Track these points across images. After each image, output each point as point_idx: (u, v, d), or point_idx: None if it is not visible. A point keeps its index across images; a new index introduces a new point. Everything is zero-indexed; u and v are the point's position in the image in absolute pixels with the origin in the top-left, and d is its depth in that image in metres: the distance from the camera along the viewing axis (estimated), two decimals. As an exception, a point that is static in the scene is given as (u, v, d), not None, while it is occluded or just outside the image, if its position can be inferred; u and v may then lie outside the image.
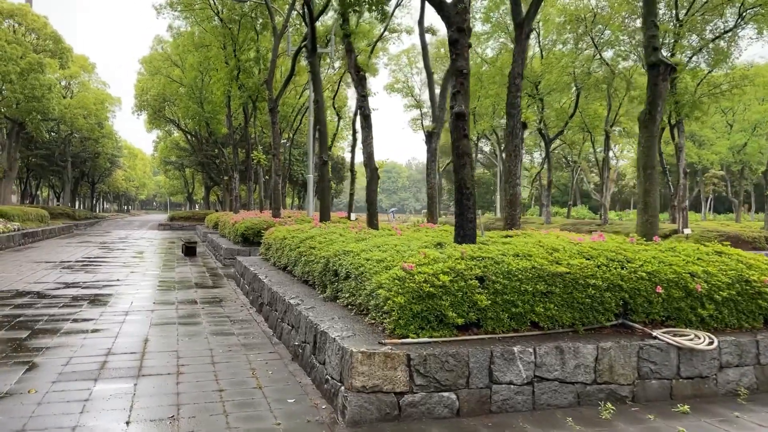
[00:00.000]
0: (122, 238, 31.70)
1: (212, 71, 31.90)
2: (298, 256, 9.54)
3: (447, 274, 5.50)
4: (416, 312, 5.34)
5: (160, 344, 7.63)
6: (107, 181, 72.27)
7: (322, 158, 13.54)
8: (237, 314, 9.87)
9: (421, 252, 6.07)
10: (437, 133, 14.88)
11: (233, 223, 20.55)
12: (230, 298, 11.59)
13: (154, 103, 46.57)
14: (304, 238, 9.81)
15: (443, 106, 15.00)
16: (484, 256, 5.89)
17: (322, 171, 13.77)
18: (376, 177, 9.80)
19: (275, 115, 19.58)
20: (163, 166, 62.37)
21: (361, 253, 6.99)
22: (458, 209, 6.73)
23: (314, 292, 8.23)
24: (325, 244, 8.56)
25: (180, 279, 14.55)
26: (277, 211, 19.94)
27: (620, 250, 6.43)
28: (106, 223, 54.79)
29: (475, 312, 5.51)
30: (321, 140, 13.74)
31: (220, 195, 59.42)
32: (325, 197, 13.92)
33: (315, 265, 8.28)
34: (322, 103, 13.73)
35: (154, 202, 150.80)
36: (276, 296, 8.49)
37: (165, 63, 41.67)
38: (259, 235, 18.39)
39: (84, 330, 8.41)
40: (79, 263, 17.90)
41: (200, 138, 50.07)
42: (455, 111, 6.66)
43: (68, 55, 38.83)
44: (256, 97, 24.46)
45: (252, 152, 25.10)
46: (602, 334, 5.84)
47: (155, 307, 10.44)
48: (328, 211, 13.90)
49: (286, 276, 10.17)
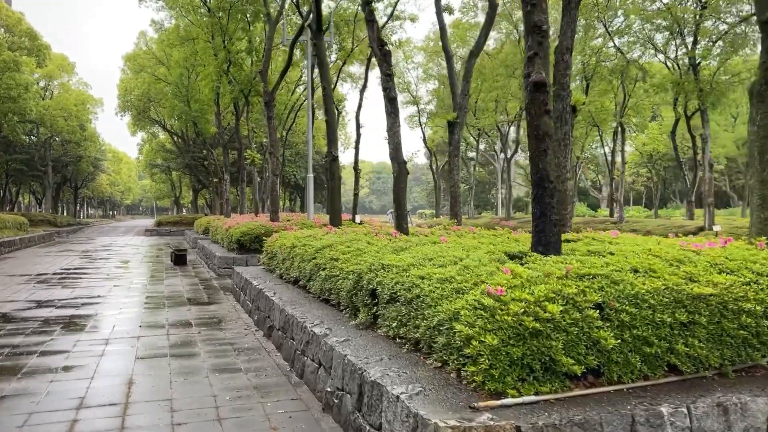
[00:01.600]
0: (106, 246, 29.83)
1: (199, 67, 30.08)
2: (315, 269, 7.90)
3: (553, 302, 3.90)
4: (515, 358, 3.73)
5: (149, 388, 5.96)
6: (91, 186, 69.94)
7: (332, 153, 11.90)
8: (241, 340, 8.21)
9: (503, 269, 4.46)
10: (460, 123, 13.21)
11: (227, 229, 18.84)
12: (230, 318, 9.92)
13: (138, 104, 44.56)
14: (321, 246, 8.17)
15: (466, 92, 13.38)
16: (595, 273, 4.29)
17: (332, 168, 12.11)
18: (405, 172, 8.19)
19: (271, 110, 17.88)
20: (149, 169, 60.26)
21: (410, 269, 5.38)
22: (539, 208, 5.14)
23: (341, 316, 6.60)
24: (352, 255, 6.93)
25: (170, 294, 12.83)
26: (275, 215, 18.23)
27: (758, 259, 4.86)
28: (90, 229, 52.71)
29: (596, 355, 3.90)
30: (330, 133, 12.10)
31: (209, 198, 57.49)
32: (335, 198, 12.26)
33: (341, 282, 6.65)
34: (330, 91, 12.09)
35: (141, 206, 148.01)
36: (292, 321, 6.85)
37: (150, 61, 39.69)
38: (257, 242, 16.72)
39: (52, 368, 6.72)
40: (57, 276, 16.11)
41: (187, 139, 48.14)
42: (533, 80, 5.06)
43: (45, 53, 36.79)
44: (248, 91, 22.69)
45: (245, 151, 23.32)
46: (758, 378, 4.27)
47: (142, 332, 8.75)
48: (340, 214, 12.25)
49: (299, 292, 8.52)
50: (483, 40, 13.42)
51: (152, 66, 39.28)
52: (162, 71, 38.97)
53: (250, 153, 21.82)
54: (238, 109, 25.42)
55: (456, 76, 13.91)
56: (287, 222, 18.17)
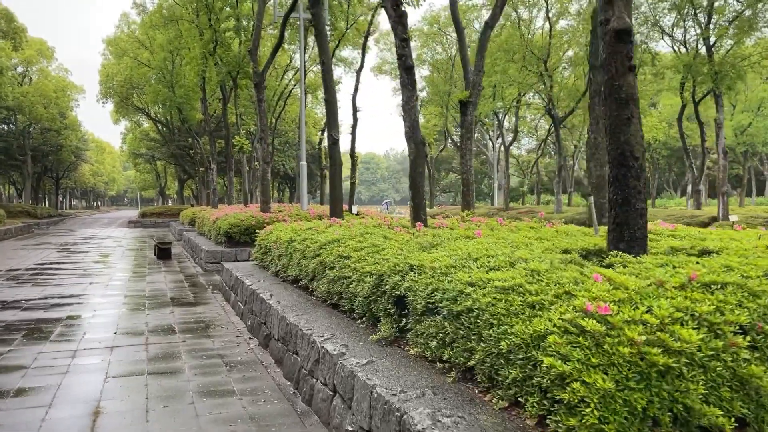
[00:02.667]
0: (87, 238, 28.39)
1: (184, 50, 28.61)
2: (319, 268, 6.72)
3: (684, 324, 2.76)
4: (638, 408, 2.59)
5: (119, 422, 4.77)
6: (73, 177, 68.02)
7: (332, 136, 10.66)
8: (233, 351, 7.02)
9: (592, 275, 3.31)
10: (474, 102, 11.96)
11: (214, 220, 17.58)
12: (219, 322, 8.72)
13: (120, 90, 42.82)
14: (326, 242, 6.99)
15: (480, 68, 12.13)
16: (724, 281, 3.16)
17: (333, 153, 10.86)
18: (423, 153, 7.01)
19: (261, 92, 16.55)
20: (133, 159, 58.52)
21: (451, 272, 4.22)
22: (620, 193, 4.00)
23: (355, 326, 5.44)
24: (368, 252, 5.77)
25: (152, 292, 11.59)
26: (267, 205, 16.95)
27: None
28: (71, 221, 51.03)
29: (744, 400, 2.77)
30: (330, 114, 10.84)
31: (195, 189, 55.90)
32: (337, 187, 11.02)
33: (355, 285, 5.49)
34: (330, 65, 10.82)
35: (125, 197, 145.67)
36: (296, 331, 5.68)
37: (133, 44, 37.98)
38: (247, 234, 15.50)
39: (2, 391, 5.51)
40: (30, 272, 14.79)
41: (172, 128, 46.55)
42: (614, 27, 3.91)
43: (22, 35, 35.01)
44: (236, 73, 21.28)
45: (233, 138, 21.84)
46: None
47: (117, 340, 7.53)
48: (341, 203, 11.02)
49: (300, 295, 7.34)
50: (499, 11, 12.23)
51: (135, 50, 37.59)
52: (145, 56, 37.31)
53: (239, 139, 20.43)
54: (225, 92, 23.98)
55: (480, 51, 12.57)
56: (279, 213, 16.95)
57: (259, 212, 16.73)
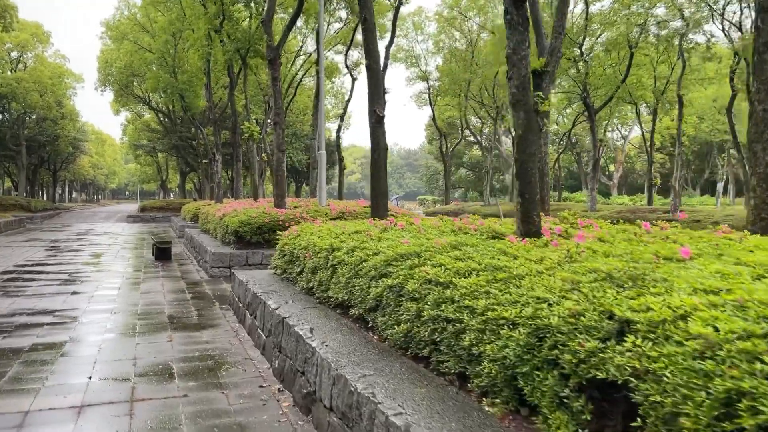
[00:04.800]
0: (81, 234, 26.20)
1: (187, 32, 26.33)
2: (389, 295, 4.48)
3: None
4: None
5: None
6: (71, 169, 65.79)
7: (376, 113, 8.29)
8: (258, 417, 4.77)
9: None
10: (551, 73, 9.53)
11: (221, 217, 15.34)
12: (233, 358, 6.48)
13: (120, 77, 40.51)
14: (395, 255, 4.75)
15: (561, 29, 9.73)
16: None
17: (376, 133, 8.45)
18: (537, 126, 4.75)
19: (277, 69, 14.23)
20: (133, 150, 56.21)
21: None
22: None
23: (475, 406, 3.18)
24: (488, 280, 3.51)
25: (146, 307, 9.36)
26: (282, 200, 14.65)
27: None
28: (68, 215, 48.82)
29: None
30: (373, 84, 8.47)
31: (197, 182, 53.63)
32: (381, 178, 8.62)
33: (476, 339, 3.23)
34: (373, 23, 8.42)
35: (126, 191, 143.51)
36: (371, 412, 3.42)
37: (133, 27, 35.62)
38: (259, 234, 13.29)
39: None
40: (5, 276, 12.58)
41: (174, 117, 44.26)
42: None
43: (12, 14, 32.63)
44: (246, 51, 18.92)
45: (242, 124, 19.49)
46: None
47: (90, 393, 5.29)
48: (386, 198, 8.62)
49: (353, 329, 5.09)
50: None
51: (135, 33, 35.24)
52: (146, 40, 35.00)
53: (248, 125, 18.05)
54: (233, 75, 21.62)
55: (560, 6, 10.26)
56: (296, 209, 14.71)
57: (272, 208, 14.49)
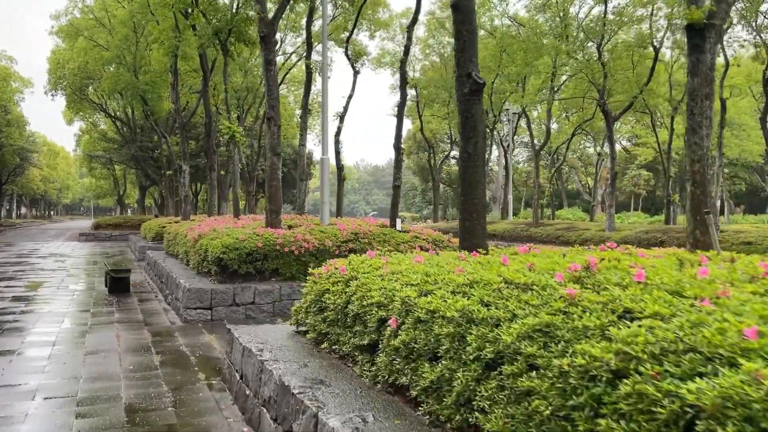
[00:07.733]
0: (22, 256, 22.31)
1: (151, 24, 22.88)
2: None
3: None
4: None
5: None
6: (19, 182, 60.55)
7: (472, 77, 5.21)
8: None
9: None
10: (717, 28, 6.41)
11: (195, 239, 11.98)
12: None
13: (73, 80, 36.44)
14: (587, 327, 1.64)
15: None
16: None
17: (472, 110, 5.18)
18: None
19: (271, 50, 10.98)
20: (88, 162, 51.58)
21: None
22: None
23: None
24: None
25: (91, 387, 6.01)
26: (276, 218, 11.32)
27: None
28: (13, 232, 44.15)
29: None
30: (466, 46, 5.40)
31: (158, 197, 49.38)
32: (479, 188, 5.36)
33: None
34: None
35: (81, 207, 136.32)
36: None
37: (88, 23, 31.79)
38: (250, 262, 10.06)
39: None
40: None
41: (133, 126, 40.30)
42: None
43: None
44: (227, 34, 15.49)
45: (220, 122, 16.01)
46: None
47: None
48: (484, 220, 5.36)
49: None
50: None
51: (90, 29, 31.43)
52: (103, 38, 31.22)
53: (228, 125, 14.57)
54: (206, 64, 18.16)
55: None
56: (293, 230, 11.49)
57: (265, 228, 11.21)
